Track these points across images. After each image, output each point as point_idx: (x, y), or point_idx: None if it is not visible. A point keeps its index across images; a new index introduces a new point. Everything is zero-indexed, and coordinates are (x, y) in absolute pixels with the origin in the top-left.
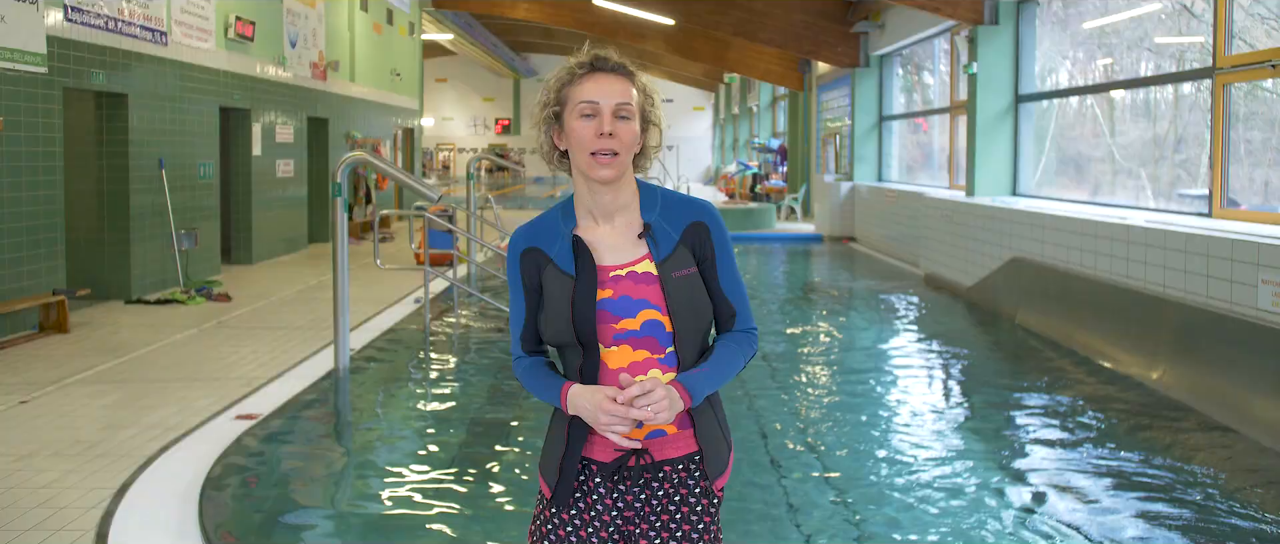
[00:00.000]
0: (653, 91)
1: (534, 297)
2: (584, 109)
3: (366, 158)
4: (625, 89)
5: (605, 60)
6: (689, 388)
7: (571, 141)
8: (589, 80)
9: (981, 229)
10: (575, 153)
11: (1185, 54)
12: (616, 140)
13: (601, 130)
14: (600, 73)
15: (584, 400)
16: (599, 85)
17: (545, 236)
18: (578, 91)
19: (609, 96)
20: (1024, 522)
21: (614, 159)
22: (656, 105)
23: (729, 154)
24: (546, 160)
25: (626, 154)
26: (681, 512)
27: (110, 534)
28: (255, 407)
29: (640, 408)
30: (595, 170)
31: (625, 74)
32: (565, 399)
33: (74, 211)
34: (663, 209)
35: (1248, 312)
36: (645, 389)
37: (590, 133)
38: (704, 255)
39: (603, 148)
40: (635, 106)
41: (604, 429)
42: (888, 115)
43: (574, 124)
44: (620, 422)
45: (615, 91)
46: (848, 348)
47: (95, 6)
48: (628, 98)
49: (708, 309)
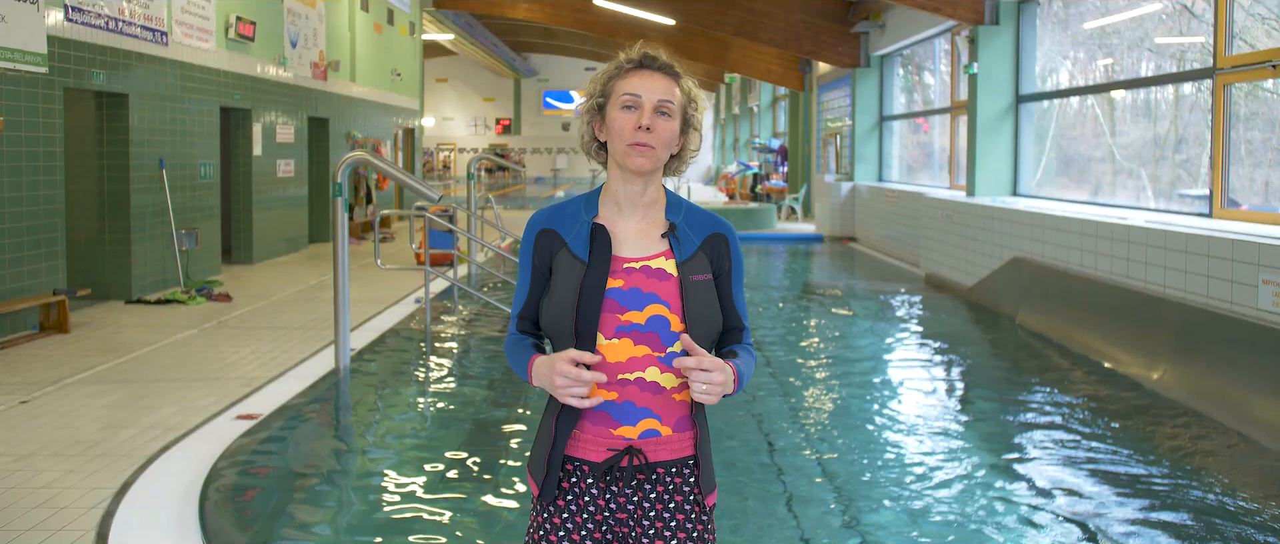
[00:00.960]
0: (697, 95)
1: (541, 281)
2: (626, 100)
3: (367, 158)
4: (669, 88)
5: (654, 58)
6: (739, 375)
7: (611, 131)
8: (635, 75)
9: (982, 229)
10: (613, 141)
11: (1185, 54)
12: (654, 135)
13: (640, 123)
14: (647, 70)
15: (544, 367)
16: (644, 81)
17: (563, 221)
18: (623, 84)
19: (652, 92)
20: (1024, 522)
21: (650, 151)
22: (700, 110)
23: (729, 154)
24: (585, 151)
25: (663, 150)
26: (676, 518)
27: (110, 534)
28: (255, 407)
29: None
30: (631, 158)
31: (672, 74)
32: (531, 371)
33: (74, 211)
34: (687, 216)
35: (1248, 312)
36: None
37: (629, 124)
38: (721, 268)
39: (639, 141)
40: (677, 107)
41: (562, 393)
42: (888, 115)
43: (615, 114)
44: (574, 383)
45: (659, 88)
46: (848, 348)
47: (96, 6)
48: (670, 96)
49: (719, 320)
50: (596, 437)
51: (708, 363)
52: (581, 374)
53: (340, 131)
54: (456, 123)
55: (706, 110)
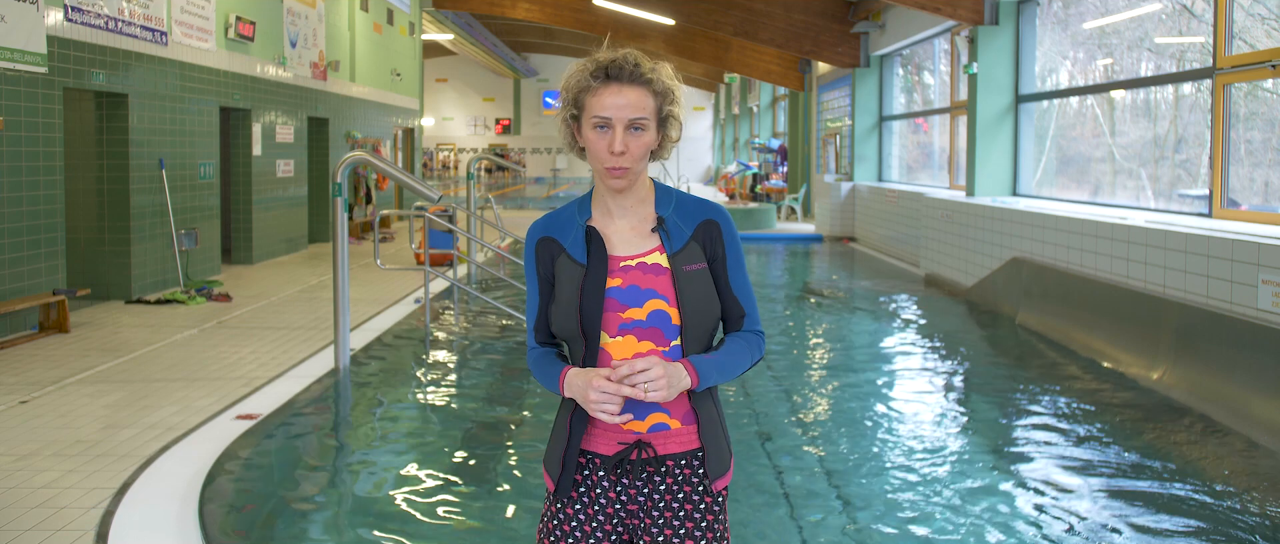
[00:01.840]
0: (671, 87)
1: (548, 288)
2: (597, 122)
3: (366, 158)
4: (640, 100)
5: (621, 69)
6: (698, 369)
7: (587, 149)
8: (605, 92)
9: (982, 229)
10: (591, 159)
11: (1185, 54)
12: (628, 156)
13: (613, 147)
14: (615, 83)
15: (578, 381)
16: (614, 97)
17: (560, 228)
18: (593, 102)
19: (622, 111)
20: (1024, 522)
21: (626, 172)
22: (676, 101)
23: (729, 154)
24: (569, 150)
25: (639, 165)
26: (685, 508)
27: (110, 534)
28: (255, 407)
29: (635, 386)
30: (608, 180)
31: (641, 82)
32: (563, 383)
33: (74, 211)
34: (677, 207)
35: (1248, 312)
36: (636, 367)
37: (603, 148)
38: (715, 254)
39: (615, 165)
40: (651, 114)
41: (594, 408)
42: (888, 115)
43: (589, 134)
44: (609, 400)
45: (629, 104)
46: (848, 348)
47: (95, 6)
48: (642, 110)
49: (716, 307)
50: (607, 430)
51: (640, 364)
52: (619, 390)
53: (340, 131)
54: (456, 123)
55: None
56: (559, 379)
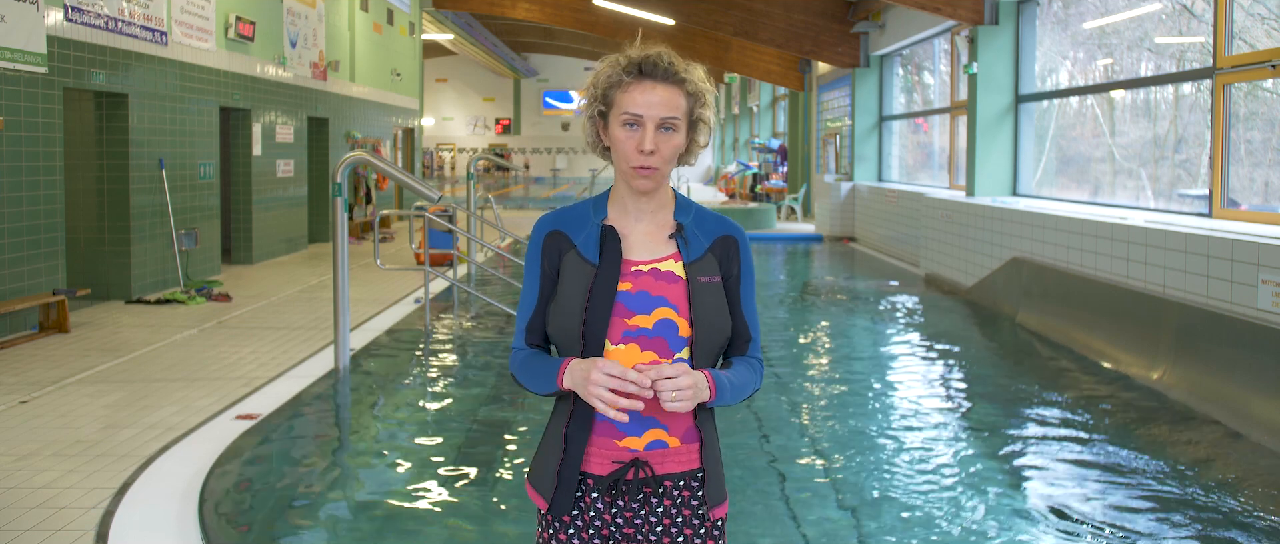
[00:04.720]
0: (704, 90)
1: (549, 284)
2: (627, 119)
3: (366, 158)
4: (673, 100)
5: (655, 66)
6: (717, 382)
7: (614, 147)
8: (636, 88)
9: (982, 229)
10: (617, 158)
11: (1185, 54)
12: (658, 156)
13: (643, 146)
14: (649, 80)
15: (581, 368)
16: (646, 94)
17: (572, 224)
18: (624, 98)
19: (654, 109)
20: (1024, 522)
21: (654, 172)
22: (708, 104)
23: (729, 154)
24: (592, 148)
25: (667, 166)
26: (685, 534)
27: (110, 534)
28: (255, 407)
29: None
30: (634, 180)
31: (675, 81)
32: (562, 374)
33: (74, 212)
34: (696, 218)
35: (1248, 312)
36: (665, 373)
37: (632, 146)
38: (730, 272)
39: (643, 164)
40: (682, 115)
41: (591, 394)
42: (888, 115)
43: (618, 131)
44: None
45: (661, 103)
46: (848, 348)
47: (95, 6)
48: (674, 110)
49: (727, 323)
50: (602, 449)
51: (669, 370)
52: (626, 372)
53: (340, 131)
54: (456, 123)
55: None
56: (558, 372)
